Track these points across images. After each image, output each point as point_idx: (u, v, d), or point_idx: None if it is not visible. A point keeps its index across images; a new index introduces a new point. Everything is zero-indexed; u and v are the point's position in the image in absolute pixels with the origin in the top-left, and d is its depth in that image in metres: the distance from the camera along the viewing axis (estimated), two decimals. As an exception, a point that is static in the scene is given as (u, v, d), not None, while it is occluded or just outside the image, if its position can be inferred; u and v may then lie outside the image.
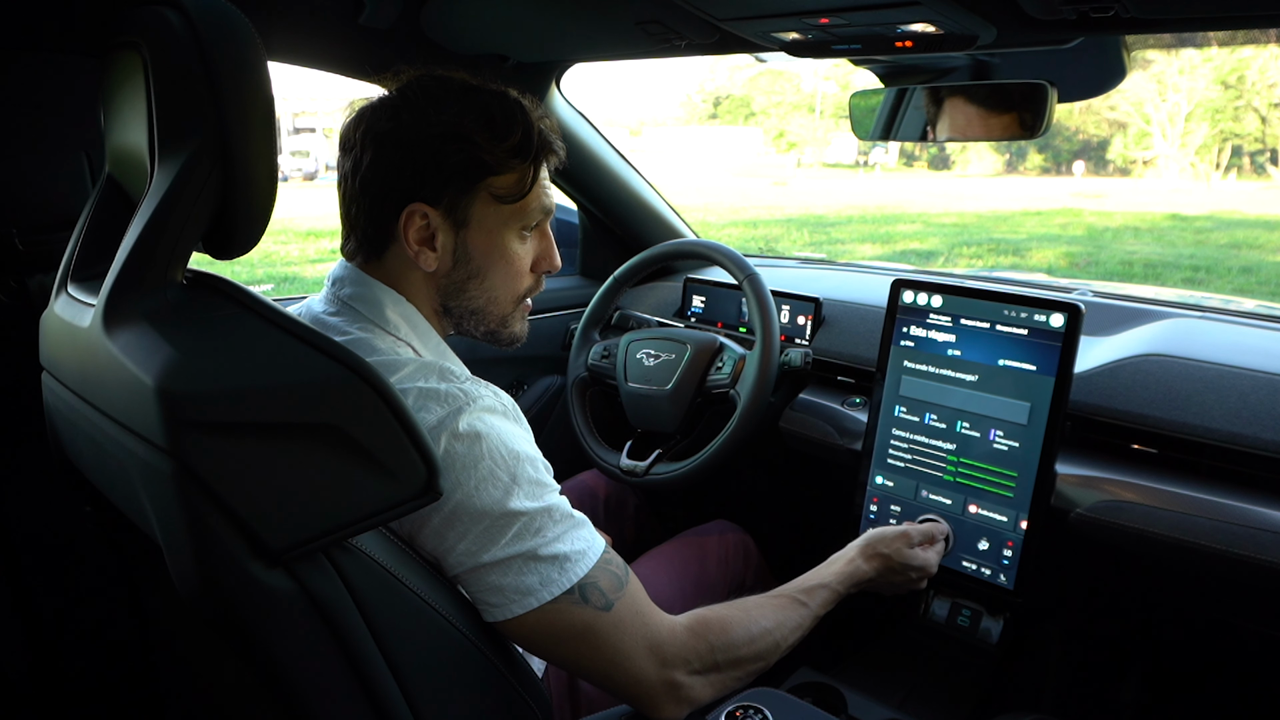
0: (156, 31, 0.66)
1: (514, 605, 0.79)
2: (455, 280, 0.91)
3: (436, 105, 0.86)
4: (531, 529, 0.79)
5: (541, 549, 0.79)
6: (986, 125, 1.30)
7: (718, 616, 0.90)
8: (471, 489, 0.77)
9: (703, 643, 0.87)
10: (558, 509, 0.82)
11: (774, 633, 0.93)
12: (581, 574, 0.81)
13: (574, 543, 0.82)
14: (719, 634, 0.88)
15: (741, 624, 0.91)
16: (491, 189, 0.88)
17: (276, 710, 0.73)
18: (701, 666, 0.87)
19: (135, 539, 0.83)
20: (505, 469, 0.79)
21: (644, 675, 0.84)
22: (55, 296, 0.81)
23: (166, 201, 0.64)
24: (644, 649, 0.84)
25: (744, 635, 0.90)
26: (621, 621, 0.83)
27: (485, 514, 0.78)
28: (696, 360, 1.52)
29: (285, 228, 10.61)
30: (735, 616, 0.91)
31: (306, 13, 1.32)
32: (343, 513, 0.67)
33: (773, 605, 0.96)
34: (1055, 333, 1.21)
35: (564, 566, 0.80)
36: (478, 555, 0.78)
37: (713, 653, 0.87)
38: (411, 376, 0.81)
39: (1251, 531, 1.06)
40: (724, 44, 1.34)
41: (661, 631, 0.85)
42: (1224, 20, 0.96)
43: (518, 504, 0.79)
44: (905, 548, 1.13)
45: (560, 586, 0.80)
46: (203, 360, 0.62)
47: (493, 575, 0.79)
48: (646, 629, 0.84)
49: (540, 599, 0.79)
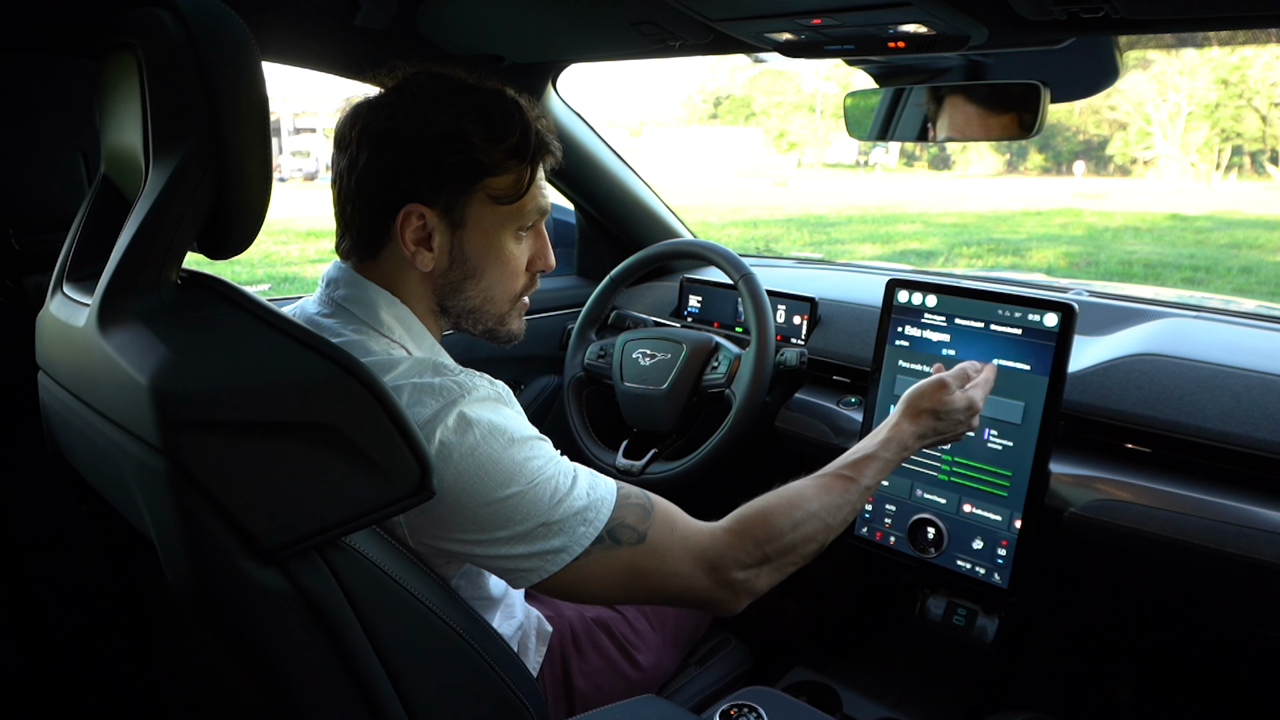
0: (151, 33, 0.66)
1: (549, 565, 0.80)
2: (451, 280, 0.91)
3: (434, 105, 0.86)
4: (543, 499, 0.80)
5: (557, 512, 0.80)
6: (981, 125, 1.31)
7: (758, 511, 0.91)
8: (473, 477, 0.78)
9: (748, 540, 0.88)
10: (562, 473, 0.83)
11: (820, 514, 0.93)
12: (604, 520, 0.82)
13: (589, 494, 0.83)
14: (762, 527, 0.89)
15: (784, 512, 0.91)
16: (489, 189, 0.89)
17: (271, 707, 0.73)
18: (752, 561, 0.88)
19: (131, 537, 0.84)
20: (504, 453, 0.80)
21: (697, 585, 0.86)
22: (51, 296, 0.81)
23: (161, 202, 0.65)
24: (689, 563, 0.85)
25: (788, 522, 0.90)
26: (660, 547, 0.84)
27: (490, 498, 0.79)
28: (692, 360, 1.53)
29: (285, 228, 10.62)
30: (777, 505, 0.91)
31: (302, 13, 1.32)
32: (336, 511, 0.67)
33: (816, 486, 0.96)
34: (1049, 332, 1.21)
35: (585, 518, 0.81)
36: (493, 533, 0.79)
37: (759, 546, 0.88)
38: (406, 373, 0.81)
39: (1244, 530, 1.07)
40: (718, 44, 1.34)
41: (704, 540, 0.86)
42: (1214, 20, 0.96)
43: (521, 483, 0.79)
44: (946, 395, 1.07)
45: (588, 538, 0.81)
46: (197, 359, 0.63)
47: (518, 547, 0.80)
48: (687, 544, 0.86)
49: (572, 554, 0.80)
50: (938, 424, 1.06)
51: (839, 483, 0.97)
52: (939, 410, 1.06)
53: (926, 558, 1.33)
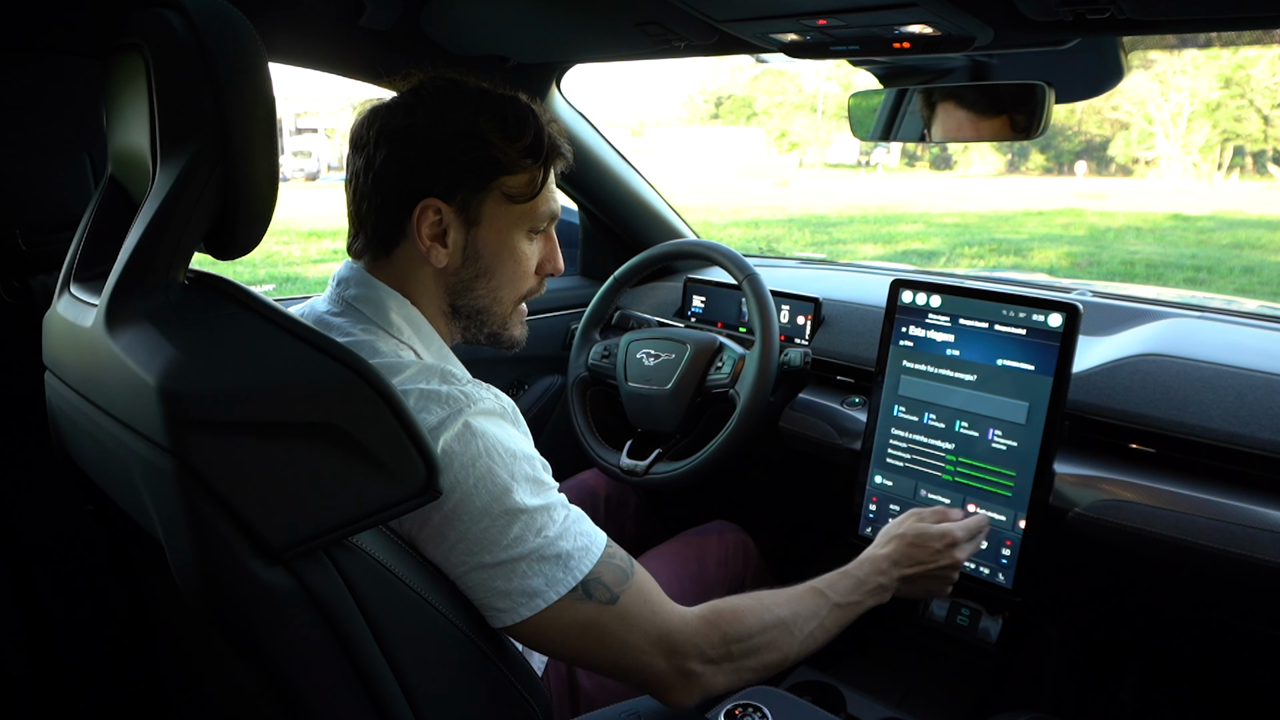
0: (158, 33, 0.66)
1: (521, 609, 0.79)
2: (464, 278, 0.92)
3: (452, 104, 0.87)
4: (533, 529, 0.79)
5: (544, 549, 0.79)
6: (985, 126, 1.31)
7: (731, 606, 0.90)
8: (470, 488, 0.78)
9: (715, 631, 0.86)
10: (557, 507, 0.82)
11: (788, 623, 0.92)
12: (585, 571, 0.81)
13: (576, 539, 0.82)
14: (731, 623, 0.88)
15: (755, 612, 0.90)
16: (504, 188, 0.90)
17: (278, 707, 0.73)
18: (715, 656, 0.86)
19: (137, 537, 0.84)
20: (504, 468, 0.79)
21: (653, 666, 0.84)
22: (58, 296, 0.81)
23: (168, 202, 0.65)
24: (652, 640, 0.83)
25: (757, 623, 0.89)
26: (628, 614, 0.83)
27: (485, 513, 0.78)
28: (696, 360, 1.53)
29: (287, 228, 10.63)
30: (749, 605, 0.91)
31: (307, 14, 1.33)
32: (343, 511, 0.67)
33: (788, 595, 0.96)
34: (1054, 332, 1.21)
35: (567, 565, 0.80)
36: (479, 556, 0.79)
37: (725, 642, 0.87)
38: (413, 378, 0.81)
39: (1248, 530, 1.07)
40: (723, 45, 1.34)
41: (672, 621, 0.85)
42: (1219, 21, 0.96)
43: (517, 502, 0.79)
44: (919, 524, 1.11)
45: (565, 586, 0.80)
46: (204, 360, 0.63)
47: (497, 579, 0.79)
48: (654, 619, 0.84)
49: (546, 600, 0.79)
50: (913, 551, 1.09)
51: (810, 596, 0.97)
52: (909, 536, 1.10)
53: (930, 558, 1.33)
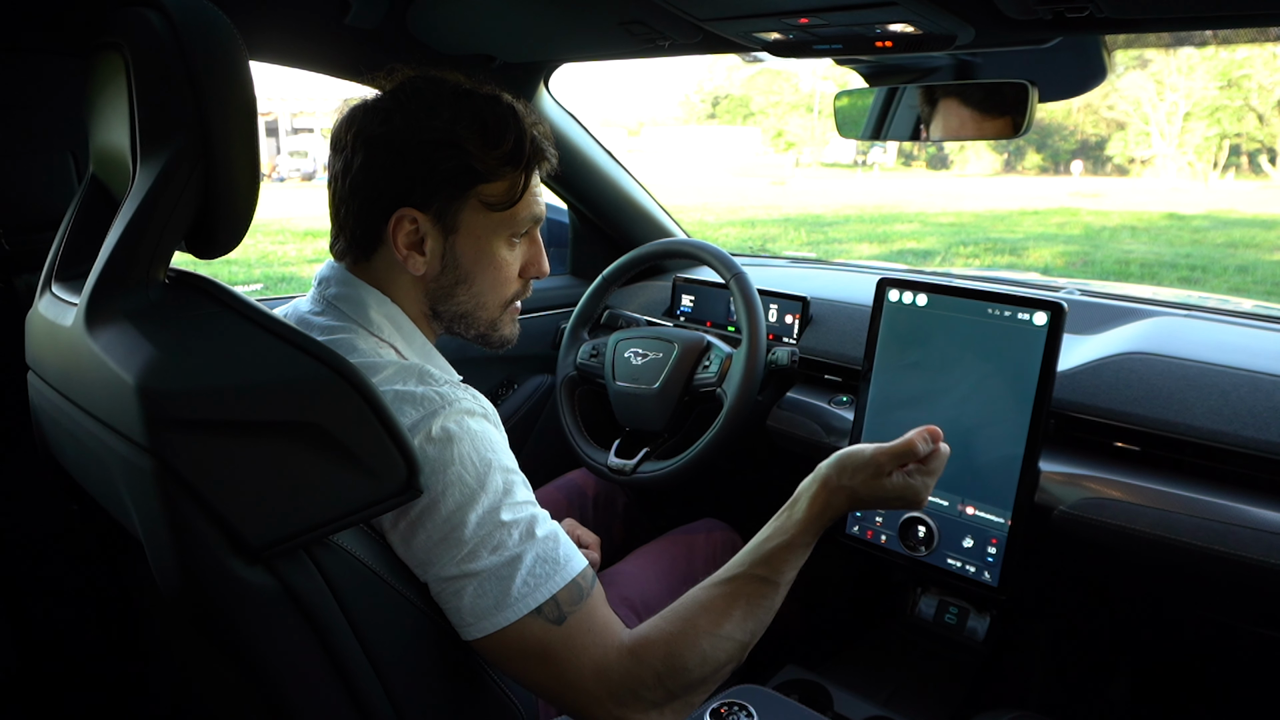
0: (138, 32, 0.67)
1: (471, 628, 0.77)
2: (443, 285, 0.91)
3: (429, 110, 0.86)
4: (488, 545, 0.76)
5: (500, 569, 0.76)
6: (971, 125, 1.31)
7: (665, 637, 0.80)
8: (439, 492, 0.76)
9: (650, 673, 0.78)
10: (522, 524, 0.78)
11: (735, 635, 0.82)
12: (541, 600, 0.77)
13: (536, 566, 0.77)
14: (666, 660, 0.78)
15: (691, 641, 0.79)
16: (481, 196, 0.88)
17: (260, 706, 0.73)
18: (655, 699, 0.79)
19: (120, 536, 0.84)
20: (474, 475, 0.77)
21: (595, 704, 0.77)
22: (39, 296, 0.81)
23: (148, 201, 0.65)
24: (593, 671, 0.77)
25: (695, 656, 0.79)
26: (571, 638, 0.77)
27: (447, 520, 0.76)
28: (684, 359, 1.53)
29: (282, 227, 10.60)
30: (683, 632, 0.80)
31: (292, 13, 1.32)
32: (323, 510, 0.67)
33: (727, 597, 0.83)
34: (1039, 331, 1.22)
35: (536, 581, 0.77)
36: (442, 565, 0.76)
37: (662, 682, 0.78)
38: (390, 379, 0.80)
39: (1232, 528, 1.07)
40: (707, 44, 1.34)
41: (610, 654, 0.78)
42: (1200, 20, 0.96)
43: (480, 514, 0.76)
44: (874, 479, 0.89)
45: (515, 612, 0.76)
46: (183, 359, 0.63)
47: (450, 595, 0.77)
48: (597, 648, 0.78)
49: (508, 619, 0.76)
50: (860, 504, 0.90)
51: (756, 588, 0.84)
52: (859, 493, 0.89)
53: (917, 556, 1.33)
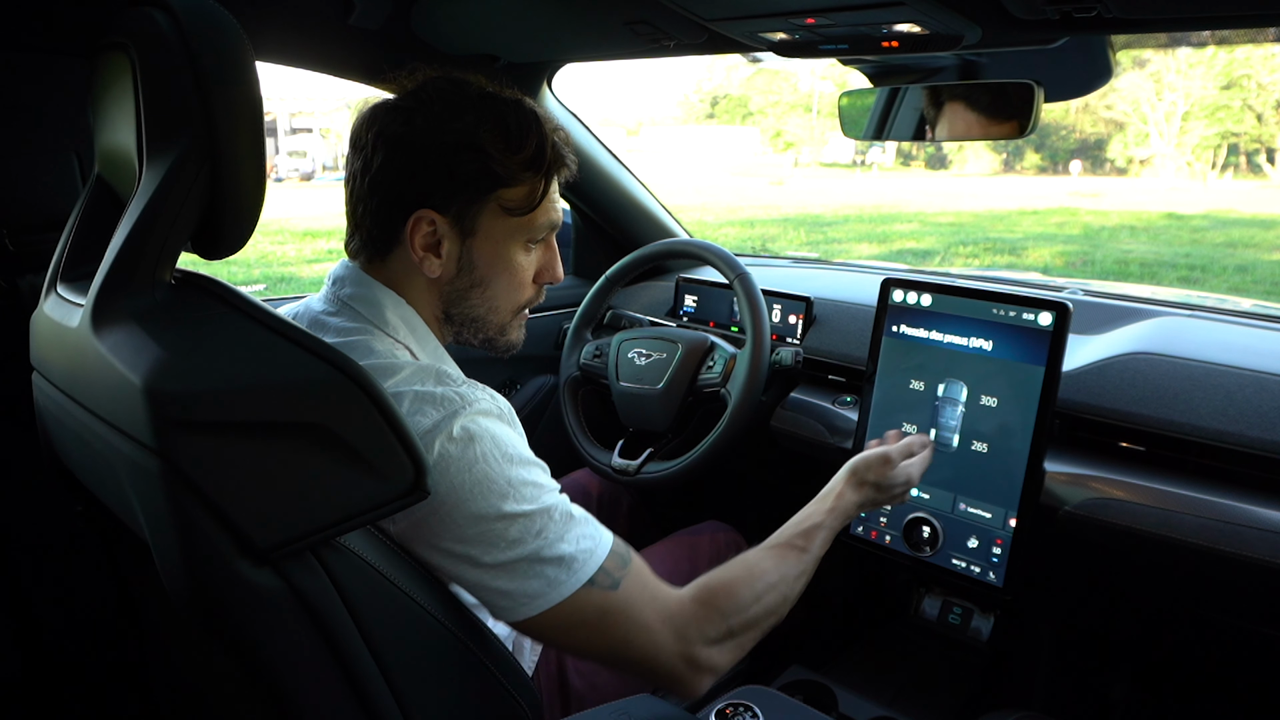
0: (144, 32, 0.66)
1: (522, 608, 0.78)
2: (458, 288, 0.91)
3: (451, 112, 0.85)
4: (532, 531, 0.78)
5: (544, 551, 0.78)
6: (975, 125, 1.31)
7: (722, 582, 0.88)
8: (467, 492, 0.77)
9: (714, 612, 0.85)
10: (557, 509, 0.80)
11: (779, 586, 0.91)
12: (589, 574, 0.79)
13: (579, 542, 0.80)
14: (727, 599, 0.86)
15: (747, 583, 0.89)
16: (501, 200, 0.88)
17: (266, 707, 0.73)
18: (717, 635, 0.85)
19: (125, 538, 0.84)
20: (500, 472, 0.78)
21: (663, 651, 0.82)
22: (45, 297, 0.81)
23: (154, 202, 0.65)
24: (658, 621, 0.82)
25: (751, 595, 0.88)
26: (630, 598, 0.81)
27: (482, 517, 0.77)
28: (687, 359, 1.53)
29: (282, 228, 10.61)
30: (740, 577, 0.89)
31: (296, 13, 1.32)
32: (330, 511, 0.67)
33: (773, 557, 0.94)
34: (1044, 331, 1.22)
35: (570, 568, 0.78)
36: (479, 559, 0.78)
37: (725, 619, 0.85)
38: (408, 380, 0.80)
39: (1237, 528, 1.07)
40: (712, 44, 1.34)
41: (672, 605, 0.84)
42: (1207, 21, 0.96)
43: (515, 506, 0.78)
44: (890, 470, 1.09)
45: (568, 588, 0.78)
46: (190, 360, 0.62)
47: (498, 580, 0.78)
48: (657, 603, 0.83)
49: (549, 601, 0.78)
50: (877, 495, 1.09)
51: (793, 553, 0.96)
52: (881, 483, 1.08)
53: (922, 556, 1.33)
